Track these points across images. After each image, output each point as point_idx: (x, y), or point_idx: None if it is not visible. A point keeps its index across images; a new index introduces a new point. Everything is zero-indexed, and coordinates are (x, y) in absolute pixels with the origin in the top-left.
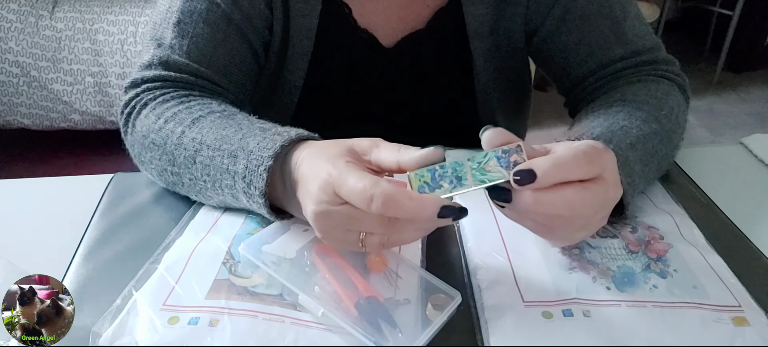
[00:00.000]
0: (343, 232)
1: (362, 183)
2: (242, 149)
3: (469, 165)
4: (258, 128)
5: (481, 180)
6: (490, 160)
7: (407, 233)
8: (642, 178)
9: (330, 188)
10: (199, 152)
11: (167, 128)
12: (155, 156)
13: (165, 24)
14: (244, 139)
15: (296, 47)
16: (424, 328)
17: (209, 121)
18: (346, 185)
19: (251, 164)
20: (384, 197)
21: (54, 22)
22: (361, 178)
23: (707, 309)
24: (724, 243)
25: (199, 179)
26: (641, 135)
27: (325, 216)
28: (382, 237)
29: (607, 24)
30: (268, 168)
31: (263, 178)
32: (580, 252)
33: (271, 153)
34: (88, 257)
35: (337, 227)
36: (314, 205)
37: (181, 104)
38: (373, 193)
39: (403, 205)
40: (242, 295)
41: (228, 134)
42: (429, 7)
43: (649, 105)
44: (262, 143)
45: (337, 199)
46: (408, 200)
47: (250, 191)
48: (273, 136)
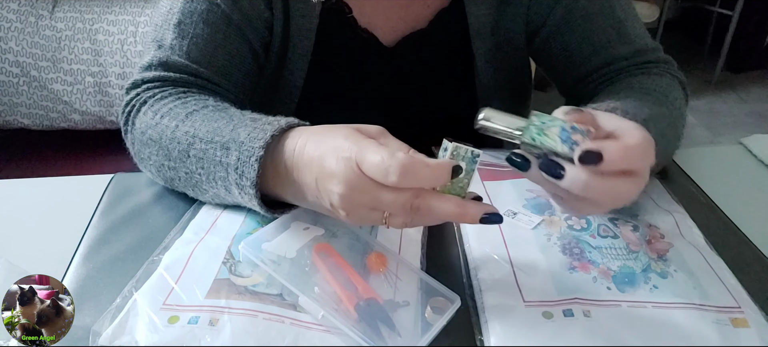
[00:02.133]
0: (368, 211)
1: (379, 155)
2: (234, 140)
3: (533, 119)
4: (249, 118)
5: (533, 138)
6: (554, 126)
7: (431, 218)
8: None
9: (354, 163)
10: (192, 146)
11: (163, 123)
12: (153, 152)
13: (166, 25)
14: (235, 130)
15: (296, 48)
16: (424, 331)
17: (202, 114)
18: (366, 160)
19: (243, 156)
20: (400, 167)
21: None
22: (377, 150)
23: (707, 309)
24: (724, 243)
25: (194, 173)
26: (652, 115)
27: (351, 198)
28: (405, 218)
29: (609, 23)
30: (259, 159)
31: (254, 168)
32: (580, 252)
33: (262, 143)
34: (88, 257)
35: (363, 206)
36: (342, 186)
37: (178, 99)
38: (389, 164)
39: (419, 174)
40: (242, 294)
41: (219, 126)
42: (430, 8)
43: (656, 92)
44: (253, 133)
45: (363, 176)
46: (424, 168)
47: (242, 183)
48: (263, 126)
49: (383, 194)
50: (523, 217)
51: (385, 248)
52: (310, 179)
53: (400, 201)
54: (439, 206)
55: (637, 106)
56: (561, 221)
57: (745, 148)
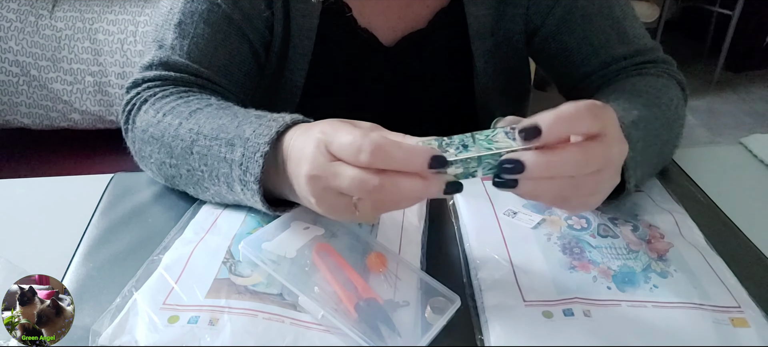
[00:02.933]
0: (335, 196)
1: (352, 135)
2: (239, 136)
3: (476, 136)
4: (254, 115)
5: (488, 147)
6: (498, 133)
7: (399, 201)
8: (644, 158)
9: (322, 146)
10: (196, 142)
11: (165, 121)
12: (154, 149)
13: (166, 26)
14: (241, 126)
15: (297, 47)
16: (424, 331)
17: (206, 112)
18: (337, 140)
19: (248, 152)
20: (372, 145)
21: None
22: (350, 131)
23: (707, 309)
24: (724, 243)
25: (196, 170)
26: (642, 116)
27: (315, 178)
28: (372, 202)
29: (608, 24)
30: (264, 154)
31: (259, 164)
32: (580, 252)
33: (267, 139)
34: (88, 257)
35: (328, 191)
36: (308, 165)
37: (180, 98)
38: (361, 143)
39: (392, 154)
40: (242, 294)
41: (224, 123)
42: (429, 8)
43: (649, 93)
44: (258, 129)
45: (329, 156)
46: (397, 150)
47: (246, 178)
48: (269, 122)
49: (346, 170)
50: (523, 216)
51: (385, 249)
52: (294, 168)
53: (362, 177)
54: (405, 183)
55: (625, 107)
56: (561, 220)
57: (745, 148)
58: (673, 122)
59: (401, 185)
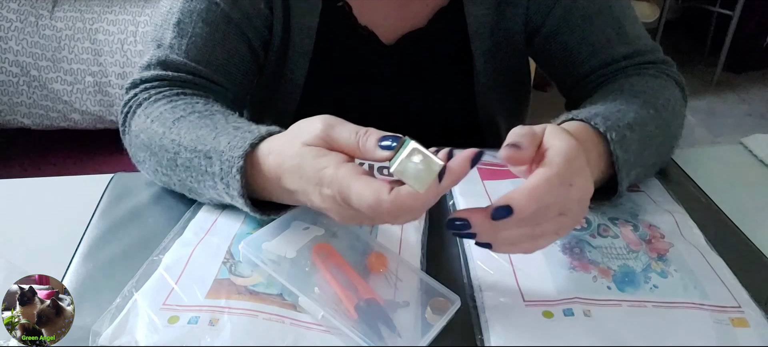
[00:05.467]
0: (353, 212)
1: (369, 191)
2: (215, 149)
3: None
4: (232, 126)
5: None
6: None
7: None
8: (639, 159)
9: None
10: (179, 154)
11: (152, 129)
12: (146, 156)
13: (165, 25)
14: (217, 138)
15: (297, 47)
16: (424, 331)
17: (188, 121)
18: (354, 194)
19: (225, 166)
20: (392, 206)
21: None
22: (367, 185)
23: (707, 309)
24: (724, 243)
25: (185, 180)
26: (638, 118)
27: (335, 214)
28: None
29: (608, 24)
30: (240, 169)
31: (237, 179)
32: (580, 252)
33: (241, 153)
34: (88, 257)
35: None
36: (332, 214)
37: (169, 103)
38: (380, 206)
39: (412, 209)
40: (242, 294)
41: (203, 134)
42: (429, 7)
43: (646, 93)
44: (233, 142)
45: (350, 208)
46: (414, 202)
47: (231, 193)
48: (244, 133)
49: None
50: None
51: (386, 249)
52: (297, 187)
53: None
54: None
55: (621, 110)
56: None
57: (745, 148)
58: (671, 122)
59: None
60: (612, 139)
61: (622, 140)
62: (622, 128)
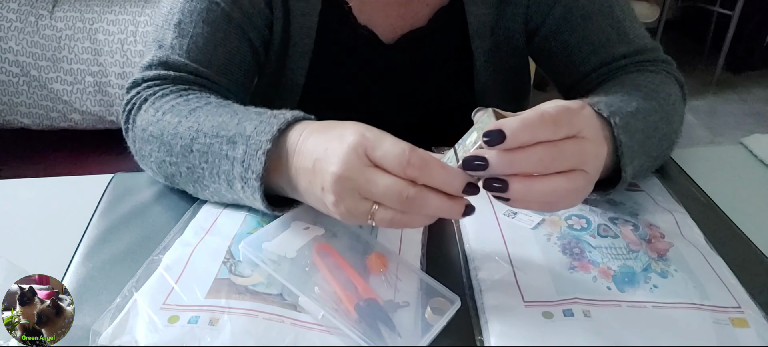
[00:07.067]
0: (358, 200)
1: (400, 146)
2: (240, 133)
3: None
4: (254, 112)
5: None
6: (472, 134)
7: (418, 217)
8: (642, 148)
9: (361, 149)
10: (196, 140)
11: (165, 120)
12: (154, 148)
13: (166, 25)
14: (241, 123)
15: (297, 46)
16: (424, 331)
17: (205, 110)
18: (383, 146)
19: (250, 149)
20: (420, 160)
21: (54, 22)
22: (397, 142)
23: (707, 309)
24: (724, 243)
25: (196, 167)
26: (641, 108)
27: (346, 179)
28: (394, 213)
29: (608, 23)
30: (266, 151)
31: (261, 161)
32: (580, 252)
33: (269, 137)
34: (88, 257)
35: (354, 193)
36: (340, 166)
37: (180, 96)
38: (410, 156)
39: (436, 173)
40: (242, 294)
41: (224, 120)
42: (429, 6)
43: (647, 87)
44: (260, 126)
45: (366, 160)
46: (441, 170)
47: (247, 175)
48: (270, 119)
49: (380, 178)
50: (523, 217)
51: (386, 249)
52: (309, 163)
53: (396, 188)
54: (433, 199)
55: (624, 99)
56: (561, 220)
57: (745, 148)
58: (672, 116)
59: (430, 201)
60: (616, 123)
61: (626, 126)
62: (626, 115)
